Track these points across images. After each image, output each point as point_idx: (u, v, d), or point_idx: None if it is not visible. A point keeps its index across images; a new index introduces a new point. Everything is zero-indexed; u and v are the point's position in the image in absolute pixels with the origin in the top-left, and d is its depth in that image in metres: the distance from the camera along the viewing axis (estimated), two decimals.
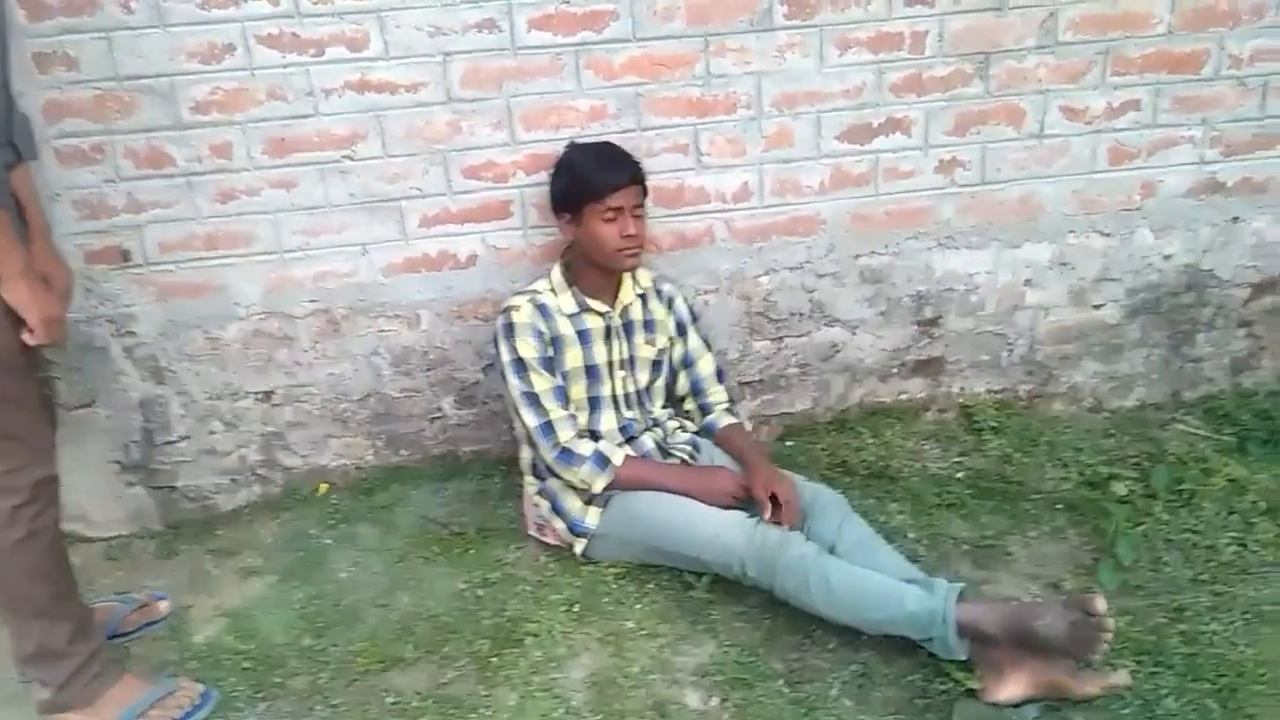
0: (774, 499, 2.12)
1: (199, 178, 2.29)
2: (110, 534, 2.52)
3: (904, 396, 2.79)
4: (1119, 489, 2.42)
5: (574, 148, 2.31)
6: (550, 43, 2.29)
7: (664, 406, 2.44)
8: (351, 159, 2.33)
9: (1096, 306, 2.74)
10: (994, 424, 2.72)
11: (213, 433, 2.52)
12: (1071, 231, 2.65)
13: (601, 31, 2.29)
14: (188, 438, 2.51)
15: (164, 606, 2.22)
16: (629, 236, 2.19)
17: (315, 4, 2.18)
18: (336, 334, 2.48)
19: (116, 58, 2.16)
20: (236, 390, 2.50)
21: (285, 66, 2.23)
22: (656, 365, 2.38)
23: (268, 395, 2.52)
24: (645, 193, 2.26)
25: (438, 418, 2.62)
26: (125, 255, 2.33)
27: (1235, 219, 2.67)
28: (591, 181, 2.18)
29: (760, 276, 2.57)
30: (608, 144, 2.29)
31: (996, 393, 2.81)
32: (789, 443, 2.72)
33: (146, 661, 2.08)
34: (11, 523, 1.74)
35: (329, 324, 2.47)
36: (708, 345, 2.45)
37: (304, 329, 2.47)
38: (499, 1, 2.24)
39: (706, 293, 2.57)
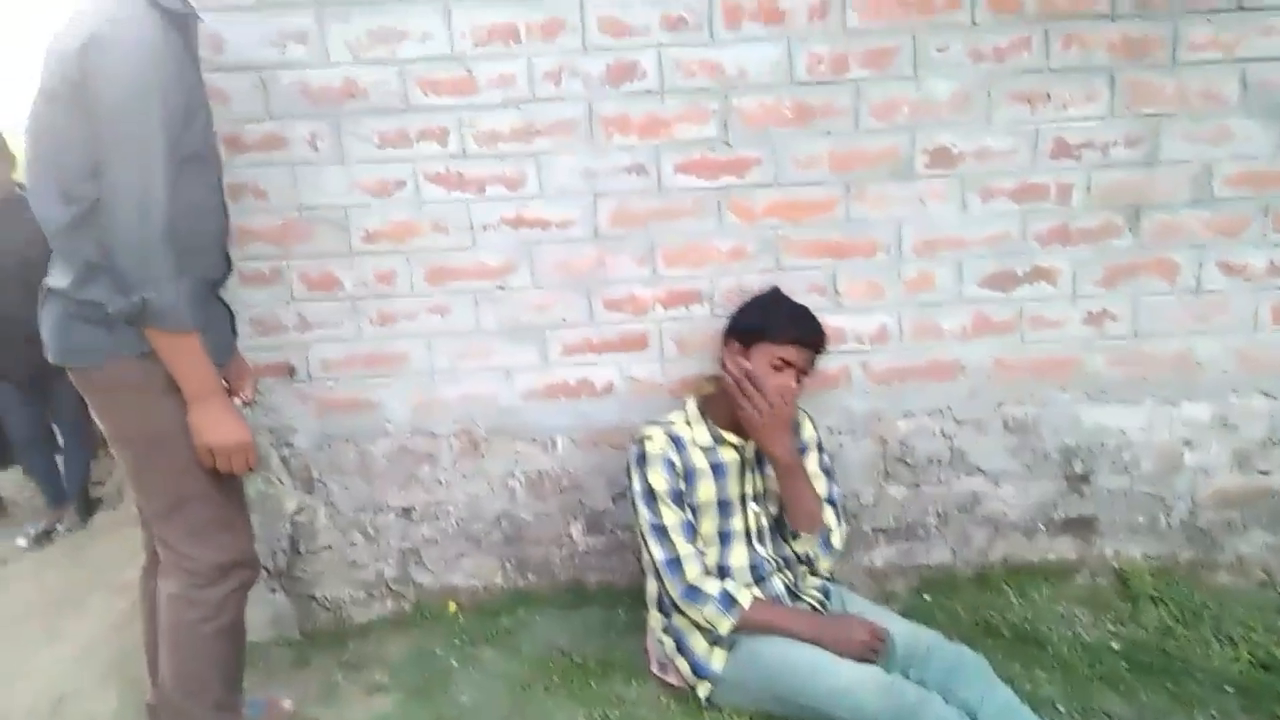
0: None
1: (363, 301, 2.46)
2: (251, 638, 2.59)
3: (1052, 556, 2.64)
4: None
5: (779, 292, 2.35)
6: (694, 185, 2.39)
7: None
8: (503, 288, 2.46)
9: (1263, 472, 2.56)
10: (1152, 593, 2.53)
11: (354, 544, 2.61)
12: (1234, 391, 2.51)
13: (744, 176, 2.38)
14: (330, 548, 2.61)
15: (288, 705, 2.28)
16: (785, 391, 2.17)
17: (481, 146, 2.36)
18: (476, 454, 2.56)
19: (300, 189, 2.38)
20: (380, 504, 2.59)
21: (449, 202, 2.40)
22: None
23: (407, 511, 2.61)
24: (813, 365, 2.26)
25: (566, 544, 2.64)
26: (291, 370, 2.50)
27: None
28: (781, 325, 2.20)
29: (897, 420, 2.53)
30: (808, 309, 2.29)
31: (1154, 559, 2.63)
32: (926, 596, 2.60)
33: None
34: (219, 610, 1.77)
35: (470, 444, 2.56)
36: (829, 474, 2.37)
37: (446, 447, 2.56)
38: (648, 147, 2.37)
39: (841, 434, 2.54)
